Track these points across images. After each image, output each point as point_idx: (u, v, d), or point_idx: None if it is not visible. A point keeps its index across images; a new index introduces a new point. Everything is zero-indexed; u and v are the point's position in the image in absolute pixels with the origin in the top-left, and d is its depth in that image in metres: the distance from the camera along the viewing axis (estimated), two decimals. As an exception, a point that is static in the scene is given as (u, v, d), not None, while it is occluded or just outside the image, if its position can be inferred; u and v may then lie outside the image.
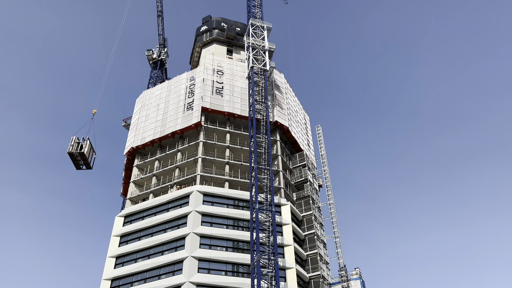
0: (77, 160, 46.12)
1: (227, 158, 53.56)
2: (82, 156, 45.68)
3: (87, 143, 46.00)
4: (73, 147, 45.16)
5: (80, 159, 46.04)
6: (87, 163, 46.60)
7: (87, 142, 46.14)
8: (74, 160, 46.23)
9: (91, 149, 46.80)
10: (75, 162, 46.51)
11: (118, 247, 48.44)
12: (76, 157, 45.71)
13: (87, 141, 46.11)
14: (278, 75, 65.35)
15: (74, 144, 45.37)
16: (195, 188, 48.58)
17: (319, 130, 70.51)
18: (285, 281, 44.16)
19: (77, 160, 46.23)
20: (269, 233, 42.69)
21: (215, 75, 60.81)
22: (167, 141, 57.70)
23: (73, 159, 45.98)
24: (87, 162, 46.51)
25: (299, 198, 56.57)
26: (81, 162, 46.59)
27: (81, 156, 45.60)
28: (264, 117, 51.17)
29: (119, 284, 45.22)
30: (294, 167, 59.60)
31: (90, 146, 46.65)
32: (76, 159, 45.97)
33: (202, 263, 43.16)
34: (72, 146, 45.18)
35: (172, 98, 61.23)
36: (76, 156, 45.60)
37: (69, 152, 45.03)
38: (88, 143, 46.16)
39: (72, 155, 45.40)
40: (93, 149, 47.21)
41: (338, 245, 58.60)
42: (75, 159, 46.06)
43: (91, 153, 46.99)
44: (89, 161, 46.44)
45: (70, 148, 45.08)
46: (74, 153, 45.06)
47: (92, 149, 47.11)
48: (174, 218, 47.35)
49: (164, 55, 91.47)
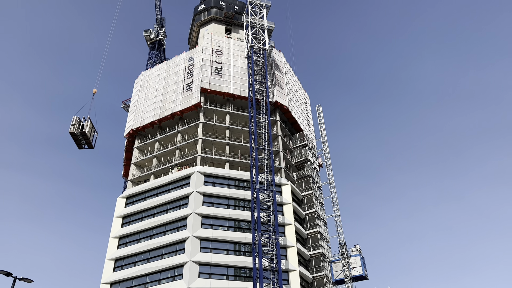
0: (79, 139, 46.51)
1: (227, 139, 53.58)
2: (83, 136, 46.06)
3: (88, 122, 46.25)
4: (74, 126, 45.45)
5: (81, 138, 46.42)
6: (89, 142, 46.98)
7: (88, 121, 46.39)
8: (76, 140, 46.62)
9: (92, 128, 47.07)
10: (77, 142, 46.91)
11: (121, 228, 49.03)
12: (77, 137, 46.08)
13: (88, 121, 46.34)
14: (278, 54, 64.68)
15: (76, 123, 45.64)
16: (196, 169, 48.79)
17: (319, 110, 70.22)
18: (286, 259, 44.87)
19: (79, 140, 46.61)
20: (270, 213, 43.12)
21: (214, 55, 60.18)
22: (167, 122, 57.60)
23: (74, 138, 46.36)
24: (89, 142, 46.90)
25: (299, 177, 56.87)
26: (83, 141, 46.98)
27: (83, 135, 45.99)
28: (264, 97, 50.93)
29: (122, 264, 45.98)
30: (294, 147, 59.70)
31: (91, 126, 46.90)
32: (77, 138, 46.35)
33: (204, 242, 43.74)
34: (74, 125, 45.47)
35: (171, 79, 60.79)
36: (78, 136, 45.95)
37: (71, 131, 45.36)
38: (89, 122, 46.41)
39: (73, 135, 45.73)
40: (95, 128, 47.48)
41: (338, 224, 59.20)
42: (76, 139, 46.44)
43: (93, 132, 47.29)
44: (90, 140, 46.83)
45: (72, 127, 45.38)
46: (75, 132, 45.39)
47: (94, 129, 47.37)
48: (176, 199, 47.75)
49: (162, 35, 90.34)
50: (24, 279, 25.91)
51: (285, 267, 43.83)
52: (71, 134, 45.57)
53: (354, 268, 56.58)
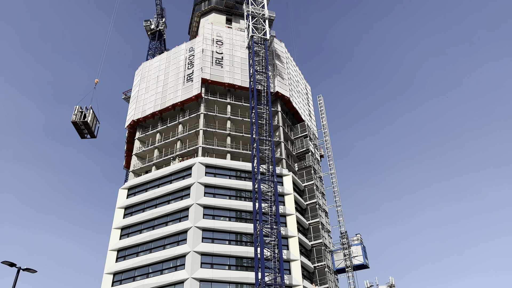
0: (81, 129, 46.79)
1: (228, 130, 53.53)
2: (86, 125, 46.29)
3: (90, 112, 46.42)
4: (76, 116, 45.64)
5: (84, 128, 46.70)
6: (91, 131, 47.21)
7: (90, 111, 46.55)
8: (78, 129, 46.86)
9: (94, 118, 47.23)
10: (79, 131, 47.18)
11: (123, 219, 49.28)
12: (80, 126, 46.34)
13: (90, 110, 46.50)
14: (279, 44, 64.27)
15: (78, 113, 45.81)
16: (197, 160, 48.85)
17: (320, 100, 70.00)
18: (288, 250, 45.12)
19: (81, 129, 46.89)
20: (271, 203, 43.25)
21: (214, 45, 59.83)
22: (168, 113, 57.52)
23: (77, 128, 46.61)
24: (91, 131, 47.13)
25: (300, 168, 56.92)
26: (85, 131, 47.30)
27: (85, 125, 46.22)
28: (265, 88, 50.74)
29: (125, 255, 46.33)
30: (295, 138, 59.64)
31: (94, 115, 47.07)
32: (80, 128, 46.60)
33: (206, 233, 43.99)
34: (76, 115, 45.66)
35: (171, 69, 60.55)
36: (80, 125, 46.18)
37: (73, 121, 45.59)
38: (91, 112, 46.59)
39: (76, 124, 45.97)
40: (97, 118, 47.65)
41: (339, 214, 59.40)
42: (79, 128, 46.70)
43: (95, 122, 47.48)
44: (93, 130, 47.08)
45: (74, 117, 45.58)
46: (77, 122, 45.60)
47: (96, 118, 47.53)
48: (177, 190, 47.89)
49: (162, 25, 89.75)
50: (28, 270, 26.14)
51: (287, 256, 44.09)
52: (73, 124, 45.84)
53: (355, 257, 56.94)
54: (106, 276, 45.14)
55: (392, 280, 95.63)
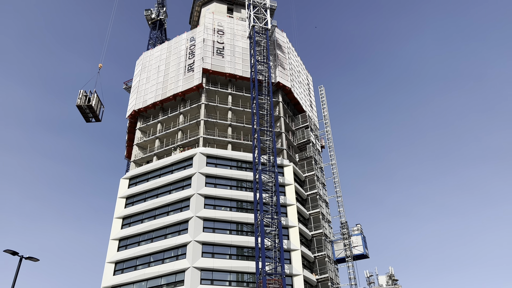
0: (86, 113, 47.52)
1: (229, 120, 53.48)
2: (90, 109, 46.98)
3: (94, 96, 47.07)
4: (81, 100, 46.39)
5: (88, 112, 47.42)
6: (96, 115, 47.83)
7: (95, 95, 47.18)
8: (83, 113, 47.61)
9: (99, 102, 47.82)
10: (84, 115, 47.91)
11: (124, 209, 49.56)
12: (84, 110, 47.07)
13: (94, 94, 47.13)
14: (280, 34, 63.86)
15: (82, 97, 46.50)
16: (198, 150, 48.92)
17: (322, 91, 69.74)
18: (288, 239, 45.40)
19: (86, 113, 47.61)
20: (272, 193, 43.41)
21: (215, 35, 59.47)
22: (169, 103, 57.44)
23: (81, 112, 47.36)
24: (95, 115, 47.75)
25: (301, 159, 56.99)
26: (90, 114, 47.99)
27: (90, 108, 46.90)
28: (266, 78, 50.55)
29: (126, 244, 46.67)
30: (296, 129, 59.59)
31: (98, 99, 47.68)
32: (84, 112, 47.32)
33: (207, 222, 44.24)
34: (80, 99, 46.43)
35: (172, 59, 60.29)
36: (85, 109, 46.88)
37: (78, 105, 46.37)
38: (95, 96, 47.27)
39: (80, 108, 46.69)
40: (101, 102, 48.23)
41: (340, 204, 59.60)
42: (83, 112, 47.43)
43: (99, 105, 48.09)
44: (97, 113, 47.68)
45: (78, 101, 46.36)
46: (82, 106, 46.29)
47: (100, 102, 48.11)
48: (179, 180, 48.06)
49: (163, 14, 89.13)
50: (30, 258, 26.39)
51: (287, 246, 44.38)
52: (78, 108, 46.64)
53: (355, 247, 57.29)
54: (108, 265, 45.56)
55: (391, 270, 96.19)
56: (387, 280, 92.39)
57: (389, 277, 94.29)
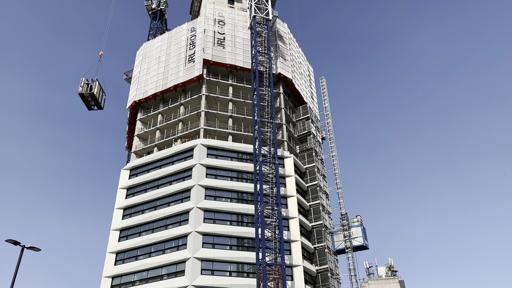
0: (88, 101, 47.72)
1: (230, 112, 53.37)
2: (92, 97, 47.14)
3: (96, 84, 47.16)
4: (83, 88, 46.43)
5: (91, 99, 47.63)
6: (98, 103, 47.98)
7: (96, 83, 47.24)
8: (85, 101, 47.78)
9: (100, 90, 47.89)
10: (86, 103, 48.10)
11: (125, 199, 49.71)
12: (86, 98, 47.20)
13: (96, 82, 47.19)
14: (281, 24, 63.41)
15: (84, 85, 46.61)
16: (199, 141, 48.91)
17: (323, 82, 69.50)
18: (288, 230, 45.59)
19: (88, 101, 47.81)
20: (273, 185, 43.49)
21: (216, 25, 59.08)
22: (170, 94, 57.29)
23: (84, 100, 47.52)
24: (97, 103, 47.89)
25: (302, 150, 56.97)
26: (92, 102, 48.22)
27: (92, 96, 47.04)
28: (267, 69, 50.33)
29: (127, 234, 46.92)
30: (297, 120, 59.47)
31: (100, 87, 47.77)
32: (86, 100, 47.50)
33: (208, 213, 44.39)
34: (82, 87, 46.53)
35: (173, 50, 59.97)
36: (87, 97, 47.02)
37: (80, 93, 46.51)
38: (97, 84, 47.38)
39: (82, 96, 46.85)
40: (103, 90, 48.24)
41: (340, 196, 59.78)
42: (86, 100, 47.60)
43: (101, 93, 48.16)
44: (99, 101, 47.80)
45: (80, 89, 46.51)
46: (84, 93, 46.37)
47: (102, 90, 48.16)
48: (179, 171, 48.12)
49: (164, 5, 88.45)
50: (32, 248, 26.54)
51: (287, 237, 44.58)
52: (80, 96, 46.78)
53: (355, 238, 57.57)
54: (109, 255, 45.84)
55: (391, 261, 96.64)
56: (386, 271, 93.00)
57: (388, 268, 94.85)
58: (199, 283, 39.56)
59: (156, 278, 42.08)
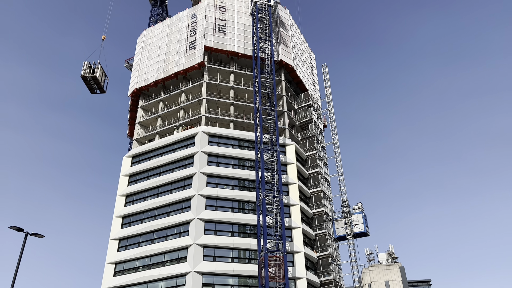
0: (91, 84, 47.97)
1: (231, 99, 53.21)
2: (95, 80, 47.40)
3: (98, 67, 47.27)
4: (85, 71, 46.58)
5: (93, 83, 47.92)
6: (101, 87, 48.26)
7: (99, 66, 47.35)
8: (87, 84, 48.06)
9: (103, 74, 48.06)
10: (89, 86, 48.42)
11: (127, 186, 49.95)
12: (89, 81, 47.41)
13: (98, 66, 47.27)
14: (283, 10, 62.74)
15: (87, 68, 46.71)
16: (201, 129, 48.90)
17: (325, 69, 69.06)
18: (290, 217, 45.87)
19: (91, 84, 48.10)
20: (274, 172, 43.60)
21: (217, 11, 58.50)
22: (171, 81, 57.07)
23: (86, 83, 47.82)
24: (100, 86, 48.15)
25: (303, 138, 56.93)
26: (95, 86, 48.58)
27: (94, 80, 47.29)
28: (268, 56, 49.98)
29: (130, 221, 47.28)
30: (299, 107, 59.29)
31: (102, 71, 47.95)
32: (89, 83, 47.76)
33: (210, 200, 44.63)
34: (85, 70, 46.67)
35: (174, 37, 59.51)
36: (89, 80, 47.25)
37: (82, 76, 46.70)
38: (99, 67, 47.52)
39: (85, 79, 47.01)
40: (105, 73, 48.42)
41: (341, 183, 59.93)
42: (88, 83, 47.88)
43: (104, 77, 48.37)
44: (102, 84, 47.98)
45: (83, 72, 46.74)
46: (87, 77, 46.52)
47: (104, 74, 48.32)
48: (181, 158, 48.24)
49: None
50: (35, 234, 26.79)
51: (289, 224, 44.87)
52: (83, 79, 47.01)
53: (356, 225, 57.92)
54: (112, 242, 46.28)
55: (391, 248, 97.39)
56: (387, 257, 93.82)
57: (389, 255, 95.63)
58: (201, 269, 40.00)
59: (158, 265, 42.55)
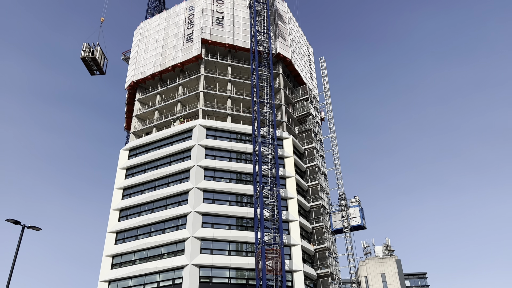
0: (90, 65, 48.44)
1: (229, 92, 53.05)
2: (94, 61, 47.91)
3: (98, 48, 47.66)
4: (85, 52, 46.95)
5: (92, 64, 48.46)
6: (100, 68, 48.74)
7: (98, 47, 47.80)
8: (87, 66, 48.66)
9: (102, 55, 48.40)
10: (88, 68, 48.96)
11: (125, 180, 49.89)
12: (89, 63, 47.94)
13: (97, 47, 47.66)
14: (281, 3, 62.41)
15: (86, 49, 47.14)
16: (198, 122, 48.79)
17: (322, 63, 68.84)
18: (287, 210, 46.00)
19: (90, 66, 48.52)
20: (271, 165, 43.62)
21: (214, 4, 58.12)
22: (168, 74, 56.80)
23: (86, 64, 48.41)
24: (99, 67, 48.63)
25: (301, 131, 56.93)
26: (94, 67, 49.11)
27: (94, 61, 47.78)
28: (266, 49, 49.76)
29: (127, 214, 47.30)
30: (296, 101, 59.21)
31: (101, 52, 48.32)
32: (89, 64, 48.30)
33: (207, 194, 44.66)
34: (84, 51, 47.07)
35: (171, 29, 59.13)
36: (89, 61, 47.79)
37: (82, 57, 47.18)
38: (99, 48, 47.98)
39: (85, 61, 47.57)
40: (104, 55, 48.77)
41: (338, 177, 60.03)
42: (88, 65, 48.45)
43: (103, 58, 48.81)
44: (101, 66, 48.38)
45: (82, 53, 47.24)
46: (86, 58, 47.01)
47: (104, 55, 48.71)
48: (178, 152, 48.17)
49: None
50: (32, 227, 26.77)
51: (286, 217, 45.02)
52: (82, 60, 47.63)
53: (352, 218, 58.15)
54: (109, 235, 46.33)
55: (388, 241, 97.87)
56: (383, 250, 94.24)
57: (385, 248, 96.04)
58: (198, 262, 40.13)
59: (156, 257, 42.66)
